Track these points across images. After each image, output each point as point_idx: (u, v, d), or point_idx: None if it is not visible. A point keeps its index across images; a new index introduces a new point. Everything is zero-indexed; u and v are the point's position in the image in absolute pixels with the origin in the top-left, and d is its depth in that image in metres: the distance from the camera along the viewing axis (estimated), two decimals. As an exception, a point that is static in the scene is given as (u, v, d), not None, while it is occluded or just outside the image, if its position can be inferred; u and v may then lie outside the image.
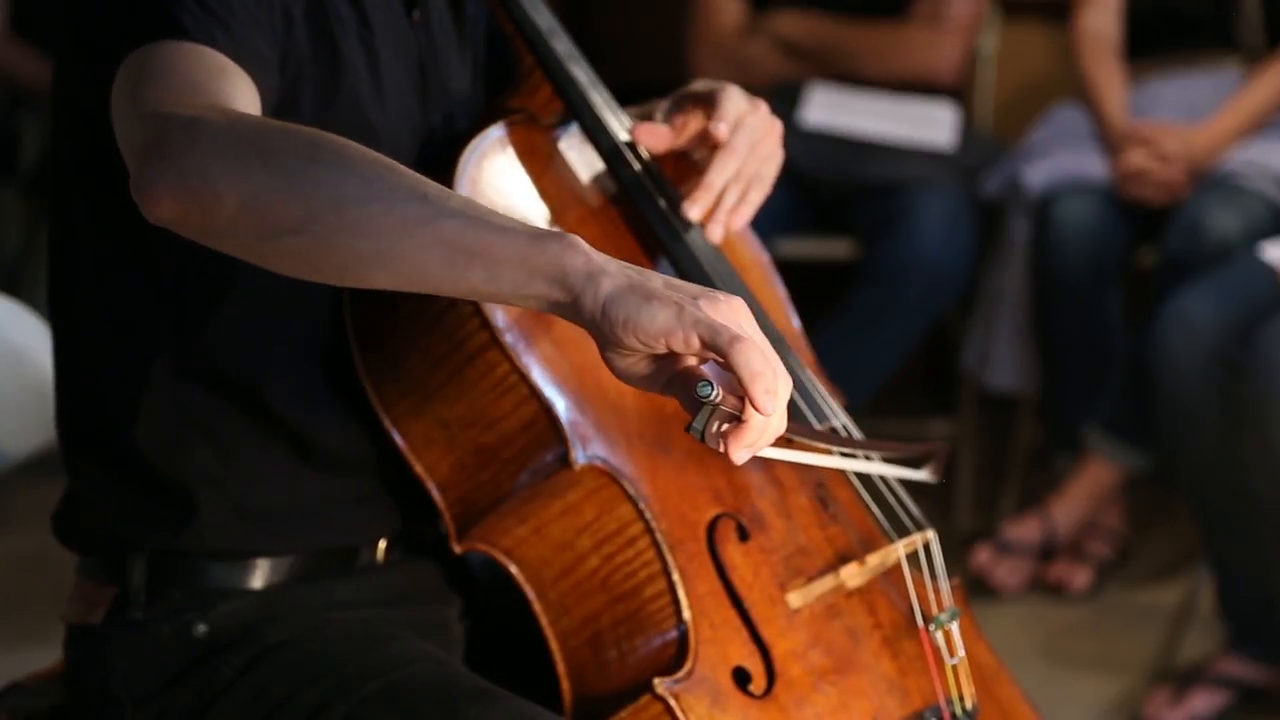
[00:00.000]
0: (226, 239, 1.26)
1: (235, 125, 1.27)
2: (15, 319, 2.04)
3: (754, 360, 1.20)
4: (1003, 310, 3.75)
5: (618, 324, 1.22)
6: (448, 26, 1.64)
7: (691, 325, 1.21)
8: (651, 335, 1.21)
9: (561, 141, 1.63)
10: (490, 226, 1.23)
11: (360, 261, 1.24)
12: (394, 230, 1.22)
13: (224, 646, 1.54)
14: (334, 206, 1.22)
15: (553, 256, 1.22)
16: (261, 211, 1.23)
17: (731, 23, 3.96)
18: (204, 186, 1.23)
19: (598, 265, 1.22)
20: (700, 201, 1.61)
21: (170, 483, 1.54)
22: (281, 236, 1.24)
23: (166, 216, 1.26)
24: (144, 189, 1.25)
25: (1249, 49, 3.74)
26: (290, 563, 1.57)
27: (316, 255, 1.24)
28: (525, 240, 1.22)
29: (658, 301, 1.21)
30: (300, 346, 1.54)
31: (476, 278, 1.23)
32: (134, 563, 1.55)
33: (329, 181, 1.23)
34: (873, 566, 1.61)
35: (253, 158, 1.24)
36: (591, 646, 1.53)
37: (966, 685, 1.61)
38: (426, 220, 1.22)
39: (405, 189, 1.24)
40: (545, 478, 1.51)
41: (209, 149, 1.24)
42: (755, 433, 1.23)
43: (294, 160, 1.24)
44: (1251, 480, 3.05)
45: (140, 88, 1.32)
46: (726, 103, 1.62)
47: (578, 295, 1.22)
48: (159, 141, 1.26)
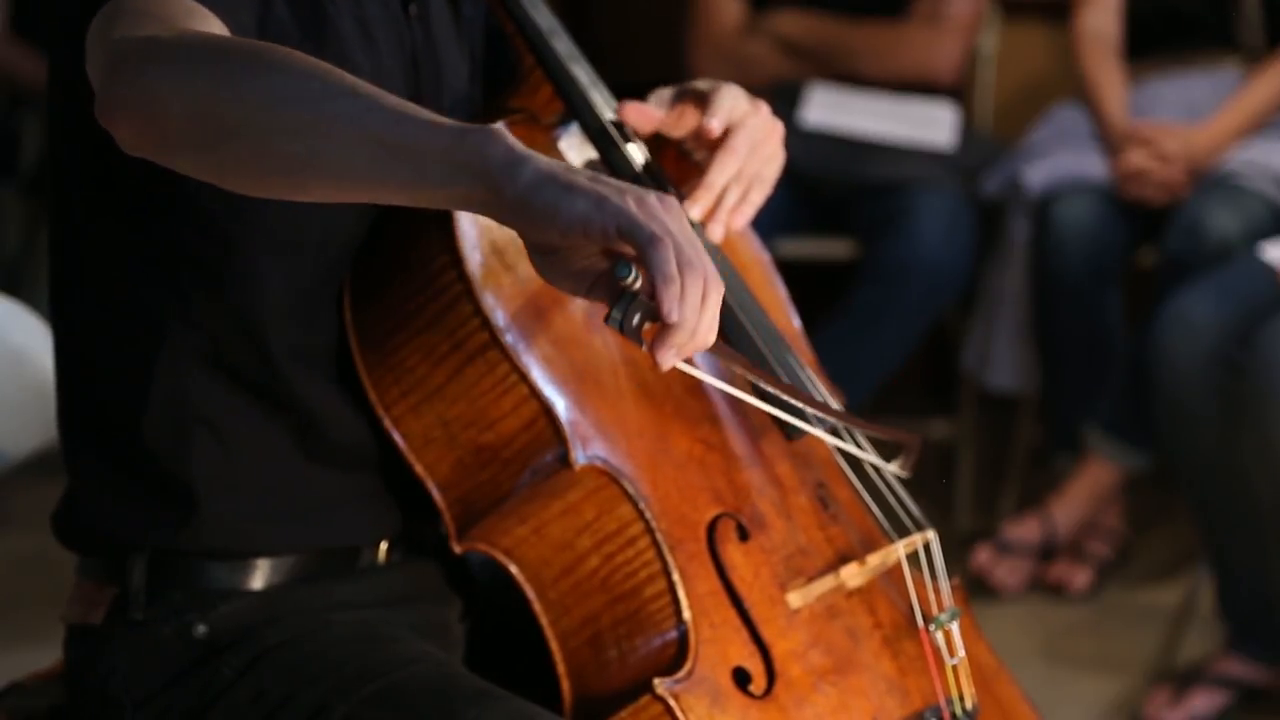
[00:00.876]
0: (180, 153, 1.28)
1: (182, 37, 1.29)
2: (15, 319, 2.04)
3: (667, 262, 1.17)
4: (1003, 310, 3.75)
5: (537, 213, 1.18)
6: (446, 23, 1.64)
7: (612, 216, 1.17)
8: (568, 223, 1.18)
9: (562, 141, 1.63)
10: (417, 122, 1.21)
11: (294, 163, 1.23)
12: (322, 127, 1.22)
13: (224, 647, 1.54)
14: (266, 106, 1.23)
15: (474, 146, 1.20)
16: (203, 117, 1.24)
17: (731, 23, 3.96)
18: (153, 98, 1.26)
19: (519, 154, 1.20)
20: (701, 201, 1.61)
21: (172, 480, 1.54)
22: (222, 142, 1.25)
23: (126, 136, 1.28)
24: (103, 112, 1.28)
25: (1249, 49, 3.74)
26: (291, 563, 1.57)
27: (255, 160, 1.25)
28: (450, 134, 1.21)
29: (579, 191, 1.18)
30: (302, 344, 1.54)
31: (403, 175, 1.21)
32: (134, 563, 1.55)
33: (264, 84, 1.23)
34: (873, 566, 1.61)
35: (197, 65, 1.26)
36: (591, 646, 1.53)
37: (967, 685, 1.61)
38: (355, 117, 1.21)
39: (339, 88, 1.23)
40: (545, 478, 1.51)
41: (157, 63, 1.26)
42: (677, 334, 1.19)
43: (234, 66, 1.25)
44: (1251, 480, 3.05)
45: (110, 27, 1.33)
46: (722, 100, 1.62)
47: (498, 185, 1.19)
48: (117, 63, 1.28)
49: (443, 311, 1.50)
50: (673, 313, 1.18)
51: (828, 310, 3.69)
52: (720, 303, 1.21)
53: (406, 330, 1.52)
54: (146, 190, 1.50)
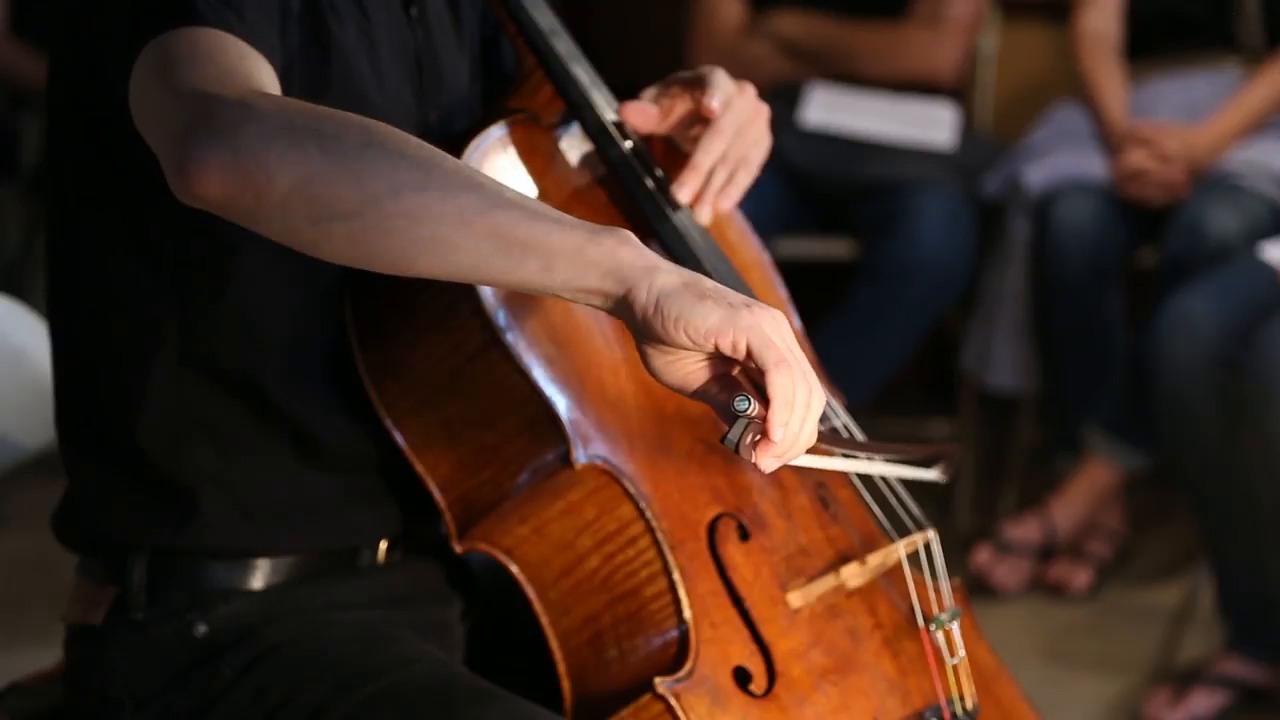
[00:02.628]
0: (273, 222, 1.25)
1: (284, 107, 1.26)
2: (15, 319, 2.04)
3: (788, 390, 1.24)
4: (1003, 310, 3.75)
5: (669, 319, 1.24)
6: (446, 24, 1.63)
7: (744, 329, 1.24)
8: (702, 333, 1.24)
9: (563, 141, 1.63)
10: (546, 219, 1.24)
11: (414, 248, 1.24)
12: (450, 218, 1.23)
13: (224, 647, 1.53)
14: (391, 193, 1.23)
15: (609, 250, 1.24)
16: (315, 195, 1.23)
17: (731, 23, 3.96)
18: (257, 167, 1.23)
19: (652, 261, 1.25)
20: (689, 183, 1.61)
21: (171, 481, 1.54)
22: (334, 221, 1.24)
23: (213, 196, 1.25)
24: (190, 168, 1.24)
25: (1249, 49, 3.74)
26: (291, 563, 1.57)
27: (369, 241, 1.24)
28: (582, 234, 1.24)
29: (710, 301, 1.24)
30: (302, 344, 1.54)
31: (531, 269, 1.24)
32: (135, 563, 1.55)
33: (385, 168, 1.23)
34: (873, 566, 1.61)
35: (307, 140, 1.23)
36: (592, 646, 1.53)
37: (967, 685, 1.61)
38: (483, 210, 1.24)
39: (461, 178, 1.25)
40: (546, 477, 1.51)
41: (262, 129, 1.24)
42: (785, 446, 1.26)
43: (349, 145, 1.24)
44: (1251, 480, 3.05)
45: (170, 71, 1.31)
46: (715, 81, 1.62)
47: (631, 288, 1.24)
48: (207, 119, 1.24)
49: (444, 311, 1.50)
50: (781, 435, 1.25)
51: (828, 310, 3.69)
52: (821, 411, 1.28)
53: (407, 330, 1.52)
54: (145, 193, 1.49)
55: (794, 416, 1.25)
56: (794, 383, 1.25)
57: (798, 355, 1.26)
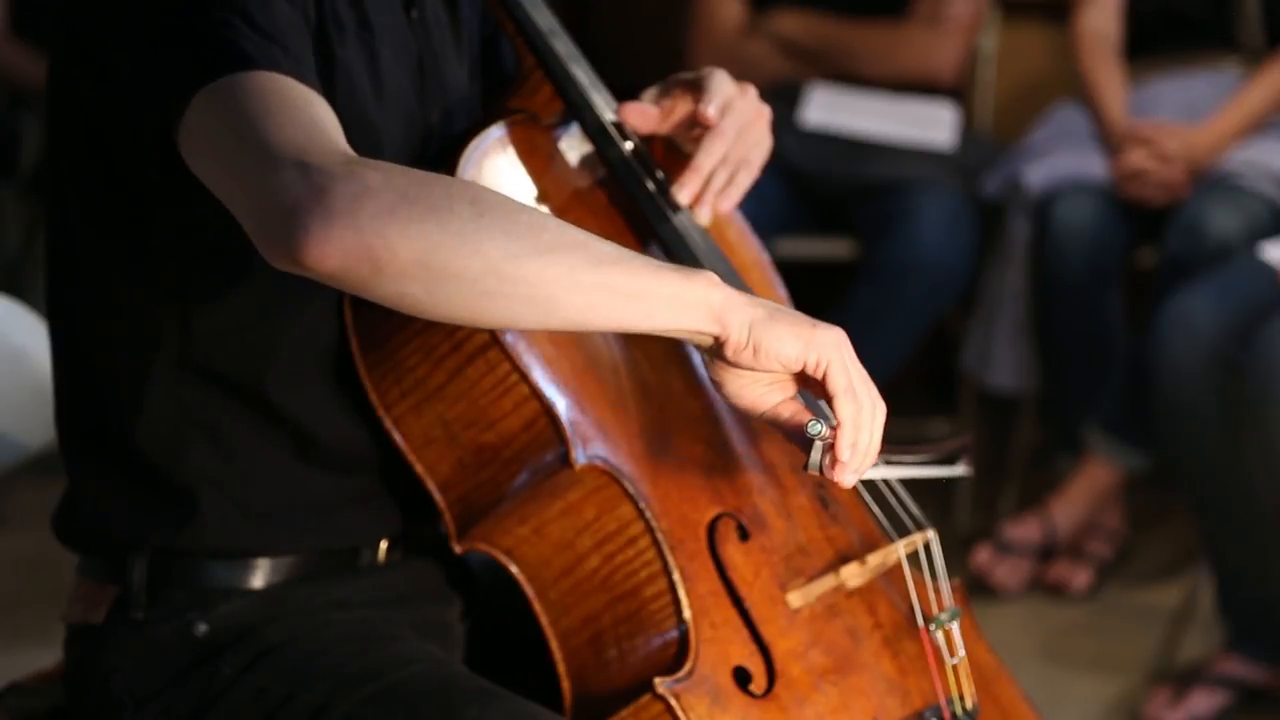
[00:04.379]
0: (386, 289, 1.29)
1: (390, 177, 1.28)
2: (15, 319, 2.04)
3: (858, 415, 1.37)
4: (1003, 310, 3.75)
5: (761, 350, 1.35)
6: (444, 24, 1.63)
7: (823, 357, 1.36)
8: (791, 359, 1.35)
9: (562, 141, 1.63)
10: (645, 270, 1.33)
11: (526, 308, 1.31)
12: (563, 280, 1.30)
13: (224, 646, 1.53)
14: (508, 260, 1.28)
15: (702, 293, 1.34)
16: (436, 267, 1.27)
17: (731, 23, 3.96)
18: (380, 243, 1.26)
19: (740, 298, 1.35)
20: (689, 185, 1.62)
21: (172, 482, 1.54)
22: (452, 288, 1.28)
23: (326, 270, 1.27)
24: (307, 244, 1.26)
25: (1249, 49, 3.73)
26: (291, 563, 1.57)
27: (484, 305, 1.30)
28: (677, 279, 1.33)
29: (787, 329, 1.35)
30: (302, 345, 1.54)
31: (633, 317, 1.33)
32: (135, 562, 1.55)
33: (500, 236, 1.28)
34: (873, 566, 1.61)
35: (424, 214, 1.27)
36: (592, 646, 1.53)
37: (967, 685, 1.60)
38: (590, 267, 1.31)
39: (566, 239, 1.31)
40: (546, 477, 1.51)
41: (379, 205, 1.26)
42: (857, 462, 1.38)
43: (463, 215, 1.28)
44: (1252, 480, 3.04)
45: (246, 130, 1.31)
46: (714, 85, 1.62)
47: (724, 326, 1.34)
48: (320, 196, 1.26)
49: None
50: (848, 454, 1.37)
51: (828, 310, 3.68)
52: (883, 420, 1.40)
53: (407, 330, 1.51)
54: (144, 196, 1.49)
55: (861, 433, 1.37)
56: (860, 403, 1.37)
57: (861, 372, 1.38)
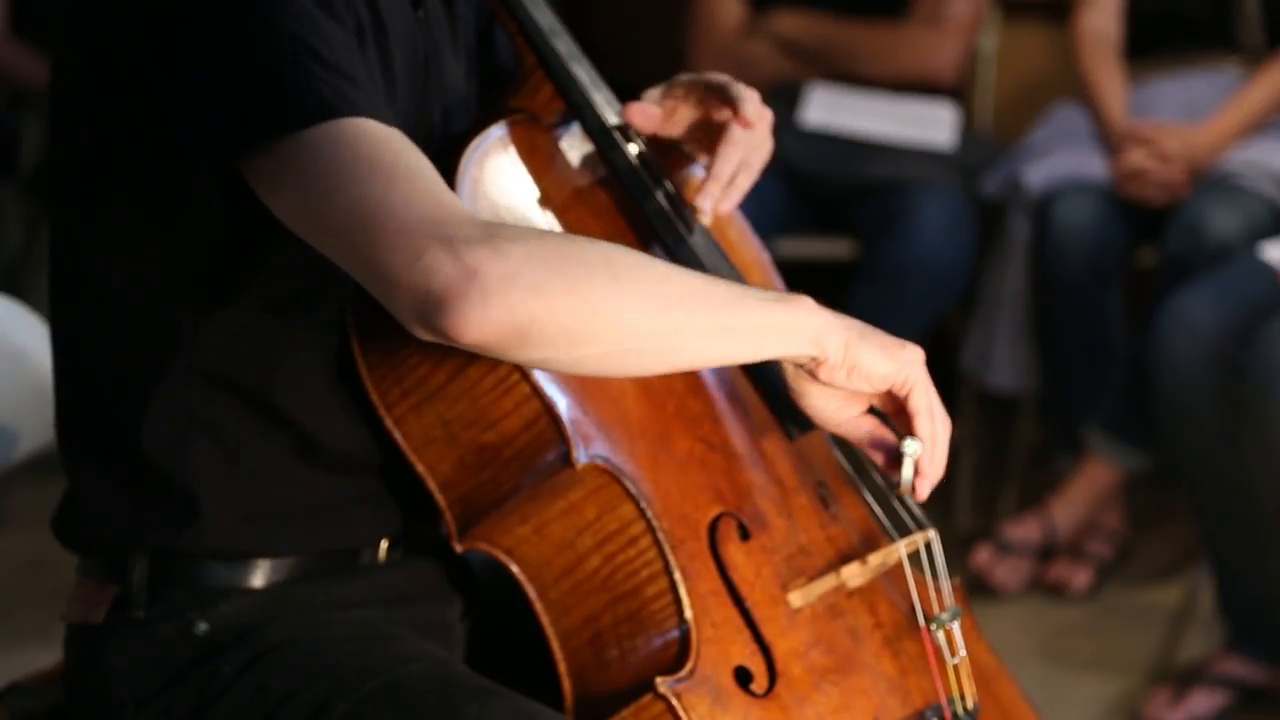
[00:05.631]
0: (531, 355, 1.35)
1: (532, 250, 1.32)
2: (15, 319, 2.04)
3: (931, 434, 1.45)
4: (1003, 310, 3.75)
5: (854, 370, 1.42)
6: (443, 22, 1.63)
7: (911, 376, 1.44)
8: (879, 378, 1.43)
9: (563, 140, 1.63)
10: (755, 307, 1.39)
11: (657, 360, 1.39)
12: (689, 331, 1.37)
13: (225, 645, 1.53)
14: (643, 320, 1.35)
15: (803, 320, 1.40)
16: (577, 335, 1.34)
17: (731, 23, 3.96)
18: (528, 320, 1.31)
19: (834, 321, 1.42)
20: (711, 192, 1.65)
21: (172, 483, 1.53)
22: (591, 349, 1.35)
23: (484, 344, 1.32)
24: (461, 325, 1.30)
25: (1249, 49, 3.73)
26: (292, 563, 1.56)
27: (619, 361, 1.37)
28: (783, 311, 1.40)
29: (879, 350, 1.42)
30: (308, 348, 1.53)
31: (748, 351, 1.41)
32: (135, 562, 1.54)
33: (635, 302, 1.35)
34: (874, 566, 1.61)
35: (568, 289, 1.33)
36: (593, 646, 1.53)
37: (968, 685, 1.60)
38: (708, 313, 1.37)
39: (689, 290, 1.37)
40: (547, 477, 1.51)
41: (527, 284, 1.31)
42: (935, 474, 1.47)
43: (601, 285, 1.34)
44: (1252, 480, 3.05)
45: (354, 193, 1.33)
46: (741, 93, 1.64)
47: (824, 347, 1.41)
48: (473, 280, 1.30)
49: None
50: (933, 470, 1.48)
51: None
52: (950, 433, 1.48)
53: (408, 333, 1.50)
54: (146, 197, 1.49)
55: (938, 449, 1.47)
56: (935, 422, 1.46)
57: (932, 388, 1.46)
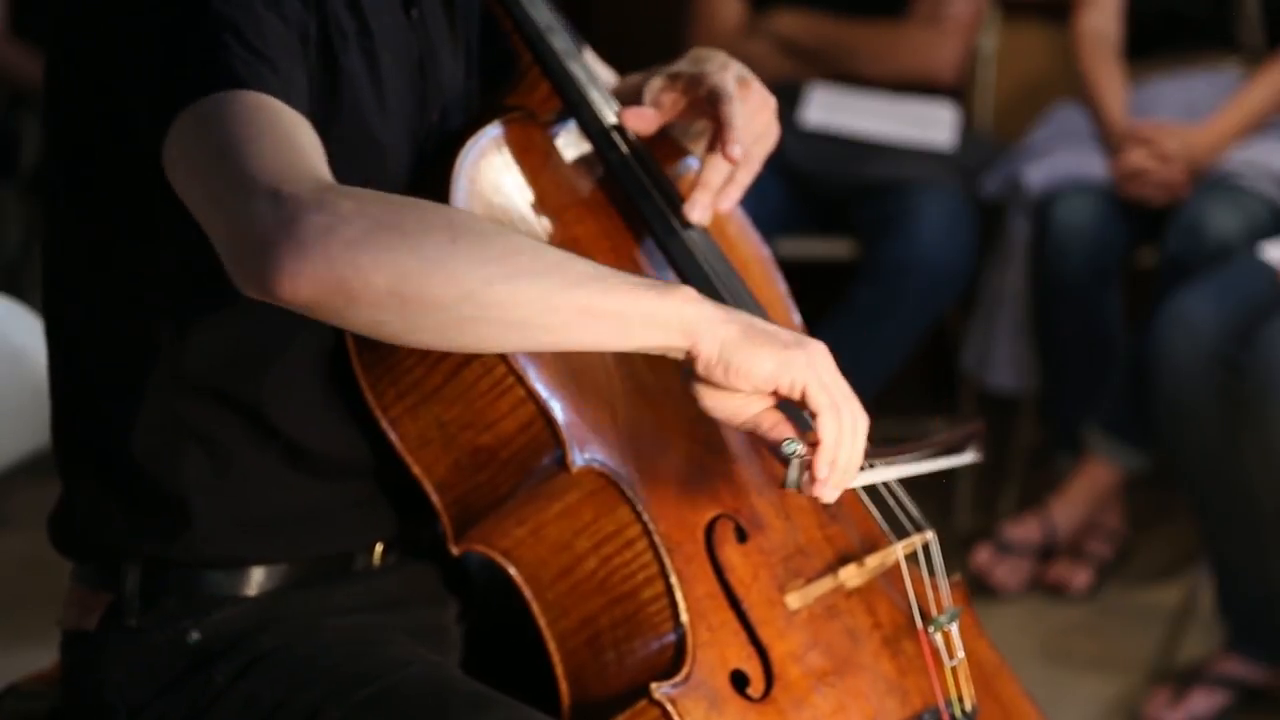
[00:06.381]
0: (363, 319, 1.29)
1: (366, 206, 1.28)
2: (15, 319, 2.04)
3: (837, 432, 1.36)
4: (1003, 310, 3.75)
5: (731, 369, 1.34)
6: (440, 20, 1.61)
7: (797, 373, 1.35)
8: (760, 380, 1.34)
9: (559, 138, 1.62)
10: (620, 289, 1.32)
11: (502, 332, 1.31)
12: (538, 303, 1.30)
13: (217, 654, 1.52)
14: (483, 285, 1.28)
15: (675, 309, 1.33)
16: (409, 295, 1.27)
17: (731, 22, 3.96)
18: (353, 273, 1.26)
19: (714, 314, 1.34)
20: (700, 202, 1.60)
21: (164, 492, 1.52)
22: (427, 315, 1.28)
23: (300, 301, 1.27)
24: (276, 274, 1.26)
25: (1249, 49, 3.73)
26: (285, 569, 1.55)
27: (461, 329, 1.30)
28: (652, 296, 1.33)
29: (765, 349, 1.34)
30: (295, 354, 1.52)
31: (608, 336, 1.33)
32: (129, 571, 1.54)
33: (474, 262, 1.28)
34: (871, 568, 1.60)
35: (397, 242, 1.27)
36: (590, 648, 1.52)
37: (966, 687, 1.60)
38: (565, 289, 1.30)
39: (541, 262, 1.31)
40: (543, 480, 1.50)
41: (351, 234, 1.26)
42: (838, 478, 1.37)
43: (438, 241, 1.28)
44: (1252, 480, 3.04)
45: (225, 153, 1.30)
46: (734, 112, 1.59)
47: (698, 342, 1.34)
48: (292, 227, 1.26)
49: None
50: (826, 471, 1.37)
51: (828, 310, 3.68)
52: (866, 433, 1.38)
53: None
54: (138, 211, 1.48)
55: (842, 450, 1.36)
56: (840, 421, 1.36)
57: (842, 387, 1.37)
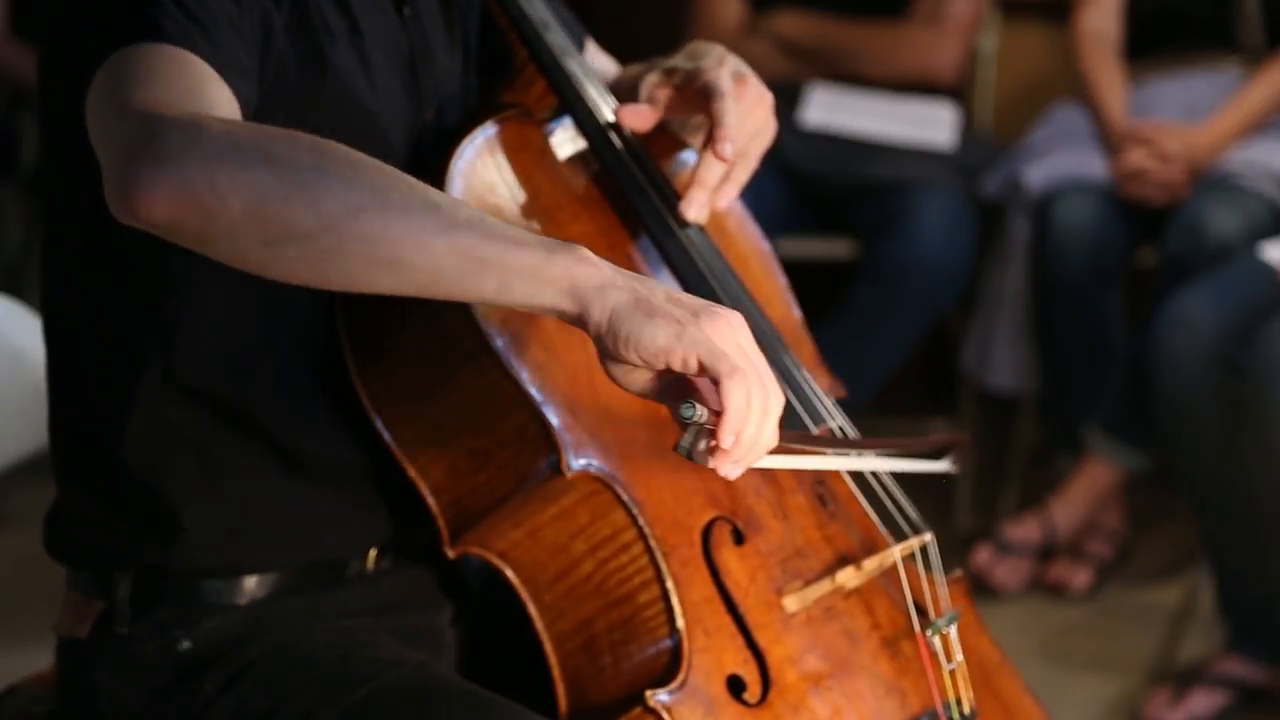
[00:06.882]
0: (222, 245, 1.24)
1: (234, 129, 1.24)
2: (15, 319, 2.04)
3: (740, 398, 1.25)
4: (1003, 310, 3.75)
5: (620, 339, 1.25)
6: (436, 18, 1.61)
7: (690, 346, 1.25)
8: (651, 353, 1.25)
9: (555, 136, 1.62)
10: (504, 238, 1.25)
11: (371, 269, 1.24)
12: (408, 241, 1.23)
13: (207, 663, 1.51)
14: (347, 215, 1.22)
15: (564, 269, 1.25)
16: (269, 219, 1.22)
17: (731, 23, 3.96)
18: (207, 189, 1.21)
19: (607, 278, 1.26)
20: (696, 200, 1.58)
21: (156, 500, 1.52)
22: (289, 244, 1.23)
23: (158, 220, 1.23)
24: (134, 190, 1.23)
25: (1249, 49, 3.73)
26: (278, 576, 1.55)
27: (326, 262, 1.24)
28: (539, 252, 1.25)
29: (660, 319, 1.25)
30: (286, 358, 1.52)
31: (489, 287, 1.25)
32: (121, 580, 1.53)
33: (341, 190, 1.23)
34: (869, 571, 1.60)
35: (258, 162, 1.22)
36: (586, 651, 1.52)
37: (965, 689, 1.59)
38: (440, 230, 1.24)
39: (418, 198, 1.25)
40: (539, 483, 1.50)
41: (210, 150, 1.22)
42: (741, 452, 1.27)
43: (302, 167, 1.23)
44: (1252, 480, 3.04)
45: (122, 88, 1.29)
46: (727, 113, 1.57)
47: (586, 307, 1.26)
48: (152, 141, 1.23)
49: (434, 316, 1.48)
50: (731, 442, 1.26)
51: (828, 310, 3.68)
52: (779, 413, 1.28)
53: (398, 334, 1.50)
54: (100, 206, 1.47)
55: (749, 423, 1.26)
56: (747, 389, 1.25)
57: (753, 359, 1.27)
